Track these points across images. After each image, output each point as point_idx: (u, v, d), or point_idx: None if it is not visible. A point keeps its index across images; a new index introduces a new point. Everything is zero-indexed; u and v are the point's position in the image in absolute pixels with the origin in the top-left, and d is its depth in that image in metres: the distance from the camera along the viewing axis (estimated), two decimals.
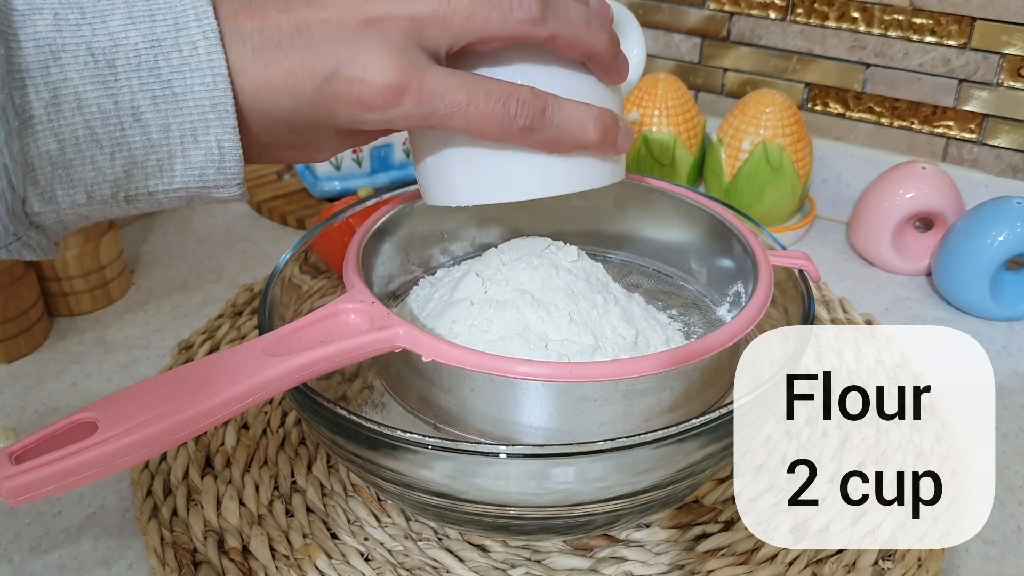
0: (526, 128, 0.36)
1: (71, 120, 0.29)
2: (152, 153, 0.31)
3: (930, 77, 0.71)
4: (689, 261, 0.53)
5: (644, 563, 0.44)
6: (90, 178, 0.31)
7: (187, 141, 0.31)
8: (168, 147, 0.31)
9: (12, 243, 0.30)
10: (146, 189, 0.32)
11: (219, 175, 0.33)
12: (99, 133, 0.30)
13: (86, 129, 0.30)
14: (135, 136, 0.31)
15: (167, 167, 0.32)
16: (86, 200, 0.31)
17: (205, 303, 0.65)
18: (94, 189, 0.31)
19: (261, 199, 0.78)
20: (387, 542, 0.45)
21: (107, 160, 0.30)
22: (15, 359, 0.59)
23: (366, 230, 0.47)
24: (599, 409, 0.40)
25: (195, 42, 0.31)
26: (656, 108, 0.73)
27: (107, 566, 0.45)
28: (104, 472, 0.31)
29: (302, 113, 0.33)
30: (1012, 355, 0.62)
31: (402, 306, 0.47)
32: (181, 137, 0.31)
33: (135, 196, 0.32)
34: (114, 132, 0.30)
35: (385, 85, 0.33)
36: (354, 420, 0.36)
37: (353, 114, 0.33)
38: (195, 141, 0.31)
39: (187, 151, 0.32)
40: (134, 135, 0.31)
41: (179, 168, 0.32)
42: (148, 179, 0.32)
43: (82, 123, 0.30)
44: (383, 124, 0.34)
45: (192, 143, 0.31)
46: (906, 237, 0.70)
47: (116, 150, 0.30)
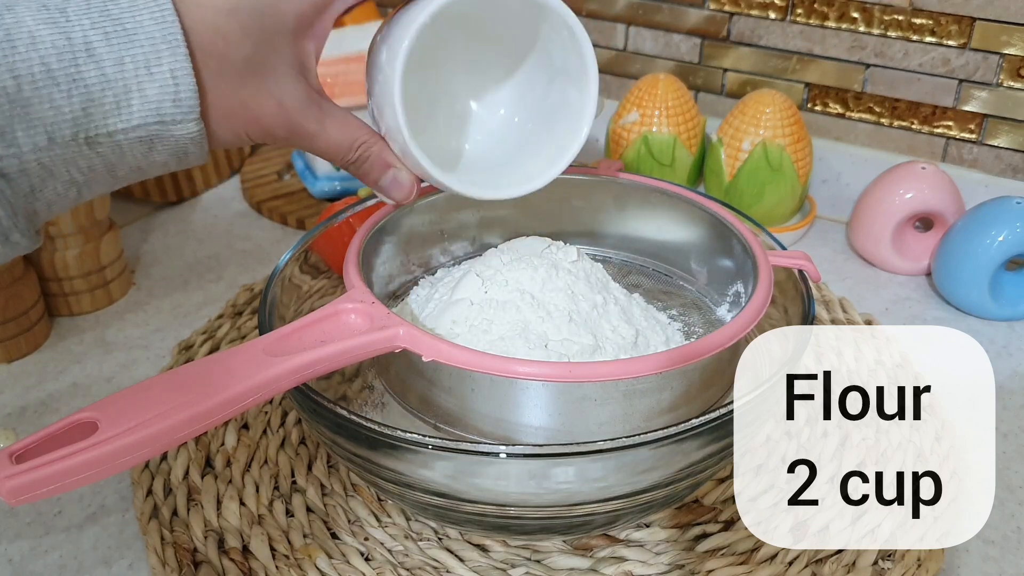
0: None
1: (26, 56, 0.31)
2: (108, 88, 0.33)
3: (930, 77, 0.71)
4: (689, 261, 0.53)
5: (644, 563, 0.44)
6: (49, 117, 0.32)
7: (141, 74, 0.33)
8: (124, 81, 0.33)
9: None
10: (105, 129, 0.33)
11: (176, 108, 0.34)
12: (54, 69, 0.31)
13: (41, 65, 0.31)
14: (90, 71, 0.32)
15: (124, 103, 0.33)
16: (47, 142, 0.32)
17: (205, 303, 0.66)
18: (54, 129, 0.32)
19: (261, 199, 0.78)
20: (387, 542, 0.45)
21: (64, 97, 0.32)
22: (15, 359, 0.59)
23: (366, 230, 0.47)
24: (599, 409, 0.40)
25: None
26: (656, 108, 0.74)
27: (107, 566, 0.45)
28: (104, 472, 0.31)
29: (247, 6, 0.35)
30: (1012, 355, 0.62)
31: (402, 306, 0.47)
32: (135, 70, 0.33)
33: (95, 138, 0.33)
34: (69, 68, 0.32)
35: None
36: (354, 420, 0.36)
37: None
38: (149, 73, 0.33)
39: (142, 84, 0.33)
40: (89, 70, 0.32)
41: (136, 103, 0.33)
42: (107, 117, 0.33)
43: (37, 59, 0.31)
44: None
45: (147, 75, 0.33)
46: (906, 237, 0.70)
47: (73, 86, 0.32)
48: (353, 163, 0.40)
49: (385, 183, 0.42)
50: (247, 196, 0.80)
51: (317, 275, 0.50)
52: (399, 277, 0.52)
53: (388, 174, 0.41)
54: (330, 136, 0.39)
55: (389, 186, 0.42)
